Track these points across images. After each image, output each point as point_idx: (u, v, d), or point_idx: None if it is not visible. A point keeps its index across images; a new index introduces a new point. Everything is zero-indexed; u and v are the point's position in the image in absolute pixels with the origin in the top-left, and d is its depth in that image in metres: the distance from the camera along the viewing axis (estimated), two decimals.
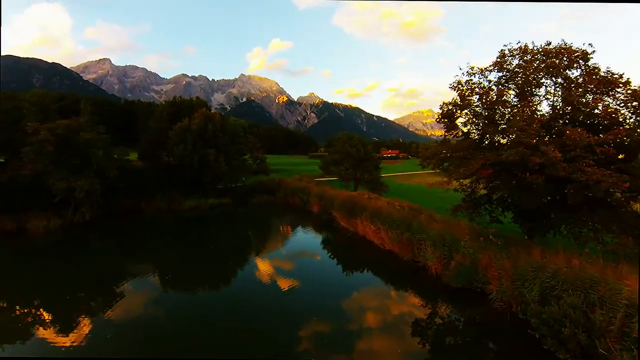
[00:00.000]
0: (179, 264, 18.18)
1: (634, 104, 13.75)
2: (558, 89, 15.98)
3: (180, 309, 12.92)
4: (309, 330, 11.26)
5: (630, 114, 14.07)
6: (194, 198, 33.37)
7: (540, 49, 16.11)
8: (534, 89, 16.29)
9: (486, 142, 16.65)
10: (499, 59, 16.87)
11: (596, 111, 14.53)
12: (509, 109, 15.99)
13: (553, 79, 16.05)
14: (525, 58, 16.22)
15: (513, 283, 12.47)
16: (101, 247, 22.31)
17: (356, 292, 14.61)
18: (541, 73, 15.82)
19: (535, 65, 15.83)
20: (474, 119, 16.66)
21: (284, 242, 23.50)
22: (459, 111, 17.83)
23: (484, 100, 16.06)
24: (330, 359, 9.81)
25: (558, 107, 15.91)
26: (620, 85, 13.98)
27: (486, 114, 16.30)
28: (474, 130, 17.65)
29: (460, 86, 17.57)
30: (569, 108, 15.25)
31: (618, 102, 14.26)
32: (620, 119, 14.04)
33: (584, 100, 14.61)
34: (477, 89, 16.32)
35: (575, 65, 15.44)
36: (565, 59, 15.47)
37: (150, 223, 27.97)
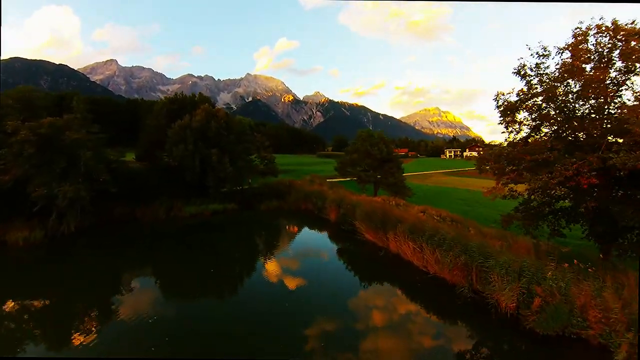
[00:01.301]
0: (173, 296, 14.73)
1: None
2: None
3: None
4: None
5: None
6: (195, 203, 29.77)
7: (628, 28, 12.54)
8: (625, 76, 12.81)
9: (582, 140, 12.93)
10: (579, 38, 13.25)
11: None
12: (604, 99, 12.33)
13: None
14: (618, 37, 12.52)
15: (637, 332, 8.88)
16: (84, 261, 18.90)
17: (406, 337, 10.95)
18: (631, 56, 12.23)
19: (633, 46, 12.21)
20: (557, 113, 13.03)
21: (303, 262, 19.67)
22: (524, 104, 14.32)
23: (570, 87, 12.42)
24: None
25: None
26: None
27: (572, 106, 12.68)
28: (547, 126, 14.09)
29: (528, 71, 14.02)
30: None
31: None
32: None
33: None
34: (564, 73, 12.70)
35: None
36: None
37: (145, 233, 24.49)
